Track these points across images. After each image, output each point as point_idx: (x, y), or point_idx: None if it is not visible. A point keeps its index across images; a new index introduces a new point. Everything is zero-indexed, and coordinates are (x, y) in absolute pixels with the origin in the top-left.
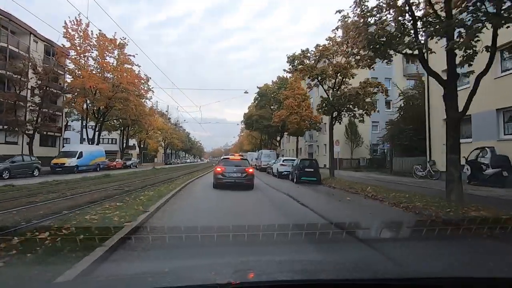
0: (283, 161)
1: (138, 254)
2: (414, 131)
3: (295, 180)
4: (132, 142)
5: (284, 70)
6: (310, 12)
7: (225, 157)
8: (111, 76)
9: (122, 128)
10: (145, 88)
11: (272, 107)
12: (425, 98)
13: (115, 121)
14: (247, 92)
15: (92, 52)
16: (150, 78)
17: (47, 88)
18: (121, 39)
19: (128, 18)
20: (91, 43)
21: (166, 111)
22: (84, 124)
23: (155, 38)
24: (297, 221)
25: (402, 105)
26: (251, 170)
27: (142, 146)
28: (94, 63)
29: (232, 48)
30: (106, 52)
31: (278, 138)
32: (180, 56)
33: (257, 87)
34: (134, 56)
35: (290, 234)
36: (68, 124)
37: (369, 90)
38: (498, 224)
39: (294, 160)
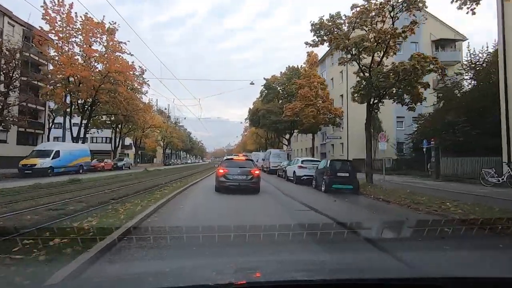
0: (302, 162)
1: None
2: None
3: (323, 188)
4: (129, 141)
5: (306, 44)
6: (310, 13)
7: (228, 157)
8: (99, 65)
9: (114, 125)
10: (140, 81)
11: (281, 101)
12: (501, 77)
13: (105, 117)
14: (253, 83)
15: (77, 37)
16: (146, 69)
17: (13, 73)
18: (111, 24)
19: (132, 18)
20: (75, 27)
21: (165, 109)
22: (68, 119)
23: (157, 38)
24: None
25: (444, 94)
26: (257, 172)
27: (139, 145)
28: (80, 50)
29: (234, 49)
30: (92, 38)
31: (288, 137)
32: (181, 56)
33: (264, 78)
34: (125, 43)
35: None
36: (55, 120)
37: (425, 66)
38: None
39: (316, 161)
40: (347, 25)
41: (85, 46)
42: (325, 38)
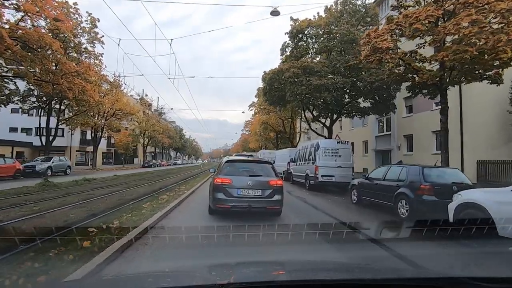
0: None
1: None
2: None
3: None
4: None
5: None
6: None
7: (231, 159)
8: None
9: (44, 104)
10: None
11: (319, 56)
12: None
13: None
14: (277, 13)
15: None
16: (99, 20)
17: None
18: None
19: (131, 18)
20: None
21: (146, 95)
22: None
23: (158, 37)
24: None
25: None
26: (279, 183)
27: (99, 139)
28: None
29: (235, 49)
30: None
31: (328, 122)
32: (181, 56)
33: (291, 18)
34: None
35: None
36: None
37: None
38: None
39: None
40: None
41: None
42: None
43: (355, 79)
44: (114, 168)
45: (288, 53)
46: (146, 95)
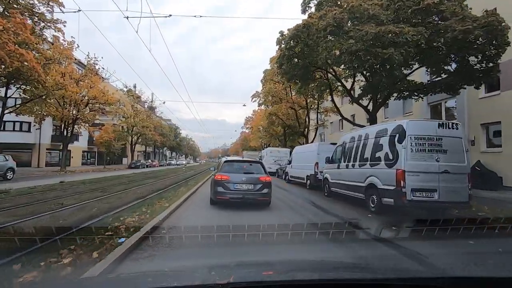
0: None
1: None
2: None
3: None
4: (82, 130)
5: None
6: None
7: (228, 159)
8: None
9: None
10: None
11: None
12: None
13: None
14: None
15: None
16: None
17: None
18: None
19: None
20: None
21: (134, 87)
22: None
23: (154, 37)
24: None
25: None
26: (268, 179)
27: (72, 134)
28: None
29: (233, 49)
30: None
31: (371, 105)
32: (180, 56)
33: None
34: None
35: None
36: None
37: None
38: None
39: None
40: None
41: None
42: None
43: (432, 30)
44: (91, 170)
45: (313, 10)
46: (135, 87)
